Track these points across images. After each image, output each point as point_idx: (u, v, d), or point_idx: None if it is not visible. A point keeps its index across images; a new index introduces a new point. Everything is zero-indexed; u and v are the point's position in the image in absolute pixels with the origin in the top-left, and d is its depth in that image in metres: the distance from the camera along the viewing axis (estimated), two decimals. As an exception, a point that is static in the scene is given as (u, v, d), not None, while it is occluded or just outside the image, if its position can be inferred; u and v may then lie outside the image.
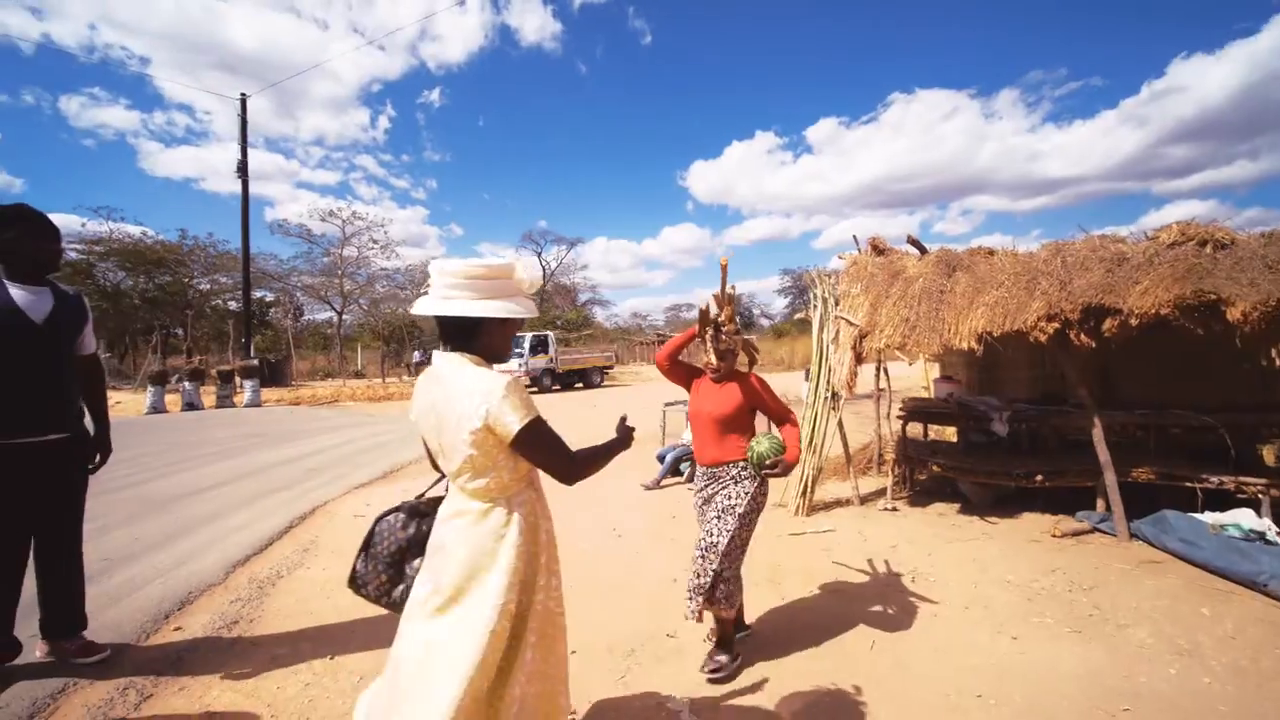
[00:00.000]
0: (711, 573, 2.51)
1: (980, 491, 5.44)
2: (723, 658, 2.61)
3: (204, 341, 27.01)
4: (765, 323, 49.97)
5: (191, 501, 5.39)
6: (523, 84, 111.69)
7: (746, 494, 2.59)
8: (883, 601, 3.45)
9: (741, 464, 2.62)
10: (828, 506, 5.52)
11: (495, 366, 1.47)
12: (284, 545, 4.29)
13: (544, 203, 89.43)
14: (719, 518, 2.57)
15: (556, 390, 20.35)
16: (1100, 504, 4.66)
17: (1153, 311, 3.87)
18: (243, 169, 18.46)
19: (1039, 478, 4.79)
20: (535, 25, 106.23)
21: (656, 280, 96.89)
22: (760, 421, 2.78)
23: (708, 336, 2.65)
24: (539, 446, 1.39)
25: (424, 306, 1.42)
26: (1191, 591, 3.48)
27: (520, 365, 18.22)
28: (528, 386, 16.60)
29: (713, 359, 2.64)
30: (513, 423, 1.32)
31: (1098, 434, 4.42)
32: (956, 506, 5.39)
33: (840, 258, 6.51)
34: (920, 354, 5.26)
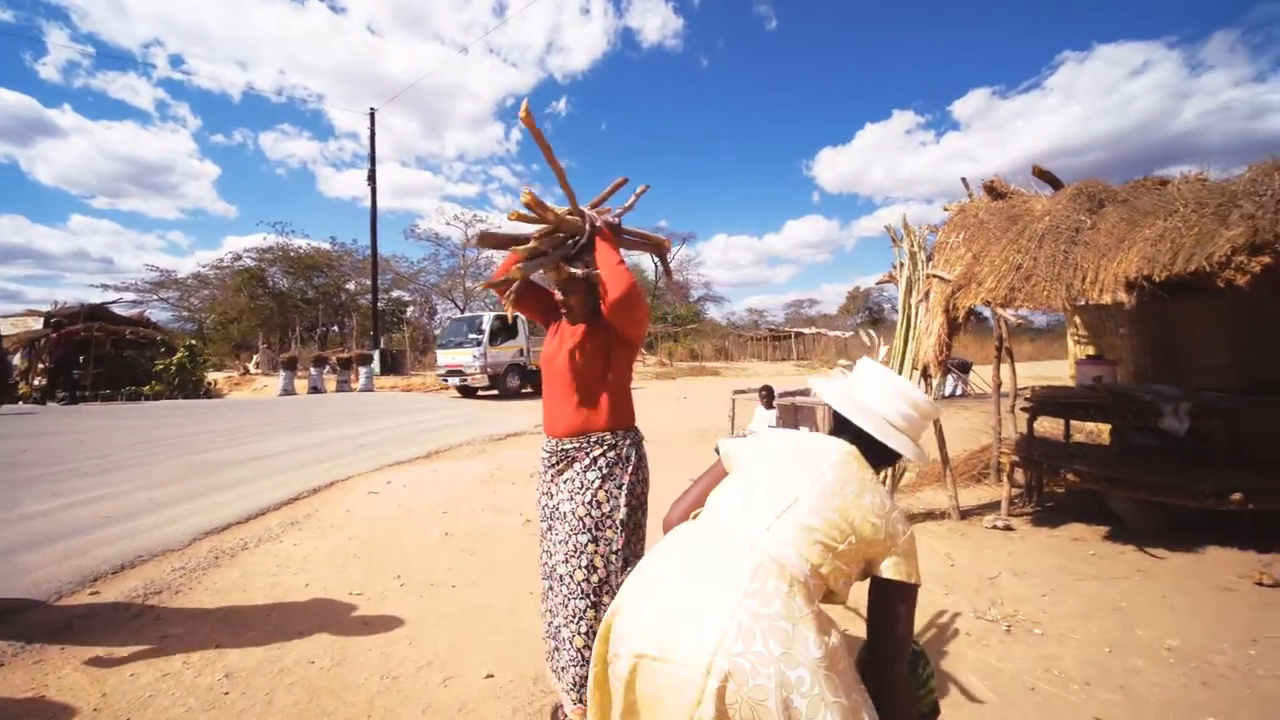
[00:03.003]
0: (586, 641, 1.68)
1: (1142, 513, 3.91)
2: None
3: (354, 335, 30.14)
4: (897, 317, 45.63)
5: (236, 469, 5.51)
6: (644, 85, 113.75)
7: (621, 488, 1.73)
8: (953, 660, 2.35)
9: (610, 436, 1.76)
10: (912, 518, 4.30)
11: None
12: (276, 516, 4.10)
13: (665, 201, 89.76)
14: (593, 540, 1.70)
15: (528, 394, 14.02)
16: (1350, 542, 3.03)
17: None
18: (371, 177, 20.19)
19: (1237, 496, 3.24)
20: (656, 24, 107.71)
21: (779, 277, 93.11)
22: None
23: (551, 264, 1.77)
24: (900, 614, 1.09)
25: (864, 420, 1.19)
26: None
27: (476, 358, 13.29)
28: (484, 388, 13.53)
29: (556, 293, 1.84)
30: (904, 570, 1.08)
31: (1346, 433, 2.84)
32: (1102, 531, 3.92)
33: (945, 208, 5.20)
34: (1026, 312, 3.86)
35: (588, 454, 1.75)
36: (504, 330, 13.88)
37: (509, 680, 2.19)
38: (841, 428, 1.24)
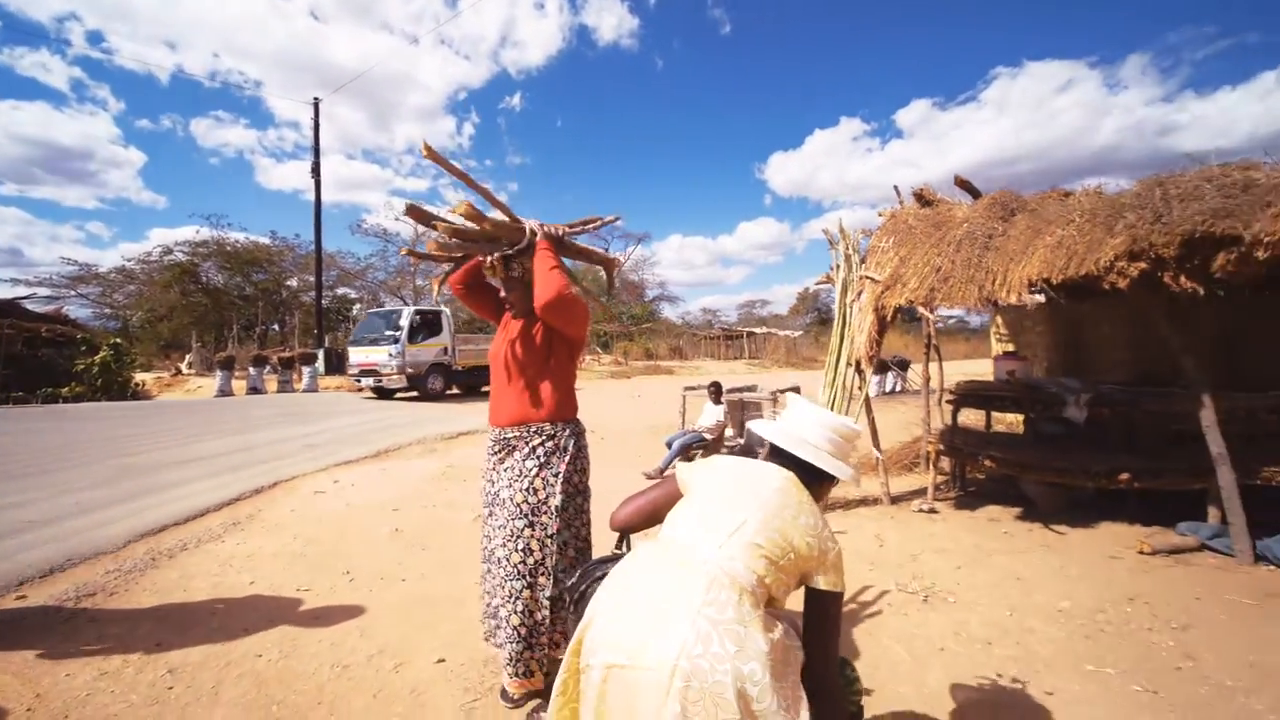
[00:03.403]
0: (522, 619, 1.78)
1: (1049, 494, 4.31)
2: None
3: (296, 334, 28.91)
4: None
5: (171, 471, 5.31)
6: (600, 83, 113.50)
7: (558, 477, 1.84)
8: (876, 627, 2.58)
9: (550, 427, 1.88)
10: (848, 505, 4.59)
11: None
12: (217, 517, 4.00)
13: (621, 201, 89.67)
14: (529, 525, 1.81)
15: (455, 396, 13.46)
16: (1214, 514, 3.45)
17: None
18: (315, 170, 19.46)
19: (1124, 476, 3.64)
20: (612, 23, 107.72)
21: (733, 278, 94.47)
22: None
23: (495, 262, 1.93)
24: (830, 619, 1.27)
25: (798, 448, 1.36)
26: (1354, 644, 2.34)
27: (392, 356, 12.17)
28: (402, 390, 12.59)
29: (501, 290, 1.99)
30: (832, 581, 1.25)
31: (1209, 418, 3.25)
32: (1015, 512, 4.29)
33: (880, 214, 5.52)
34: (947, 309, 4.20)
35: (527, 443, 1.86)
36: (425, 326, 12.73)
37: (460, 664, 2.26)
38: (778, 455, 1.41)
